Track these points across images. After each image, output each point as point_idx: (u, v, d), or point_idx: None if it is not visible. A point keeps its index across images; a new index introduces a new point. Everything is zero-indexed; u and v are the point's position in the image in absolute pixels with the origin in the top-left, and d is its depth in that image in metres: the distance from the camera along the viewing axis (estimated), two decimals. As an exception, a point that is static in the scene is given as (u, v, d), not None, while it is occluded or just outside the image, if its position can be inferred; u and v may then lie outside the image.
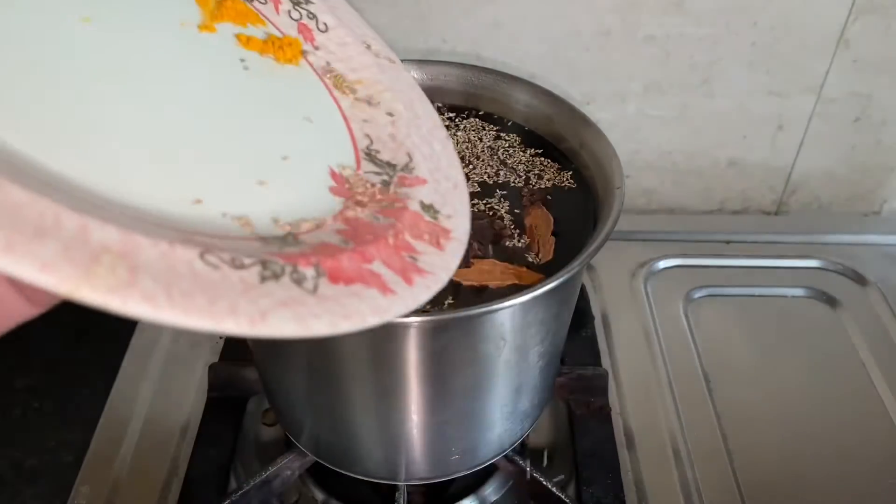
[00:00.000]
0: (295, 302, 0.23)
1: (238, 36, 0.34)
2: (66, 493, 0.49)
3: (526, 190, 0.43)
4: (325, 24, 0.38)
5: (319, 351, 0.38)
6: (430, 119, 0.37)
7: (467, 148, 0.46)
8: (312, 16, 0.38)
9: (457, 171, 0.35)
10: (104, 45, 0.28)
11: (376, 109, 0.36)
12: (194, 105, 0.30)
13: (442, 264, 0.29)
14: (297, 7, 0.38)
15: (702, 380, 0.56)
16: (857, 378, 0.57)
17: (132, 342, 0.59)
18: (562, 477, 0.51)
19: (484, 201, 0.43)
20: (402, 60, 0.50)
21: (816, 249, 0.67)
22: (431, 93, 0.50)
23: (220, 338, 0.59)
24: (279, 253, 0.25)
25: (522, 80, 0.48)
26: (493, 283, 0.38)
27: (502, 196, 0.43)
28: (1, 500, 0.52)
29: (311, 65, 0.36)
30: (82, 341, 0.64)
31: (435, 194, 0.33)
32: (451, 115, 0.49)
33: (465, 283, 0.37)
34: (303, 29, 0.37)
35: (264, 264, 0.23)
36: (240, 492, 0.46)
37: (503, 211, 0.42)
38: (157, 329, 0.60)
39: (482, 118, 0.49)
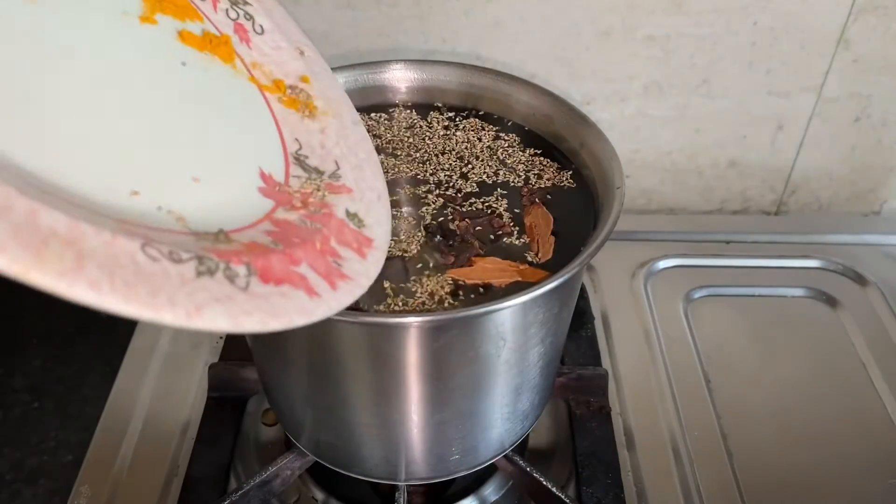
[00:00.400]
0: (228, 298, 0.24)
1: (179, 32, 0.34)
2: (66, 493, 0.49)
3: (525, 189, 0.43)
4: (262, 26, 0.39)
5: (319, 351, 0.38)
6: (357, 130, 0.38)
7: (466, 148, 0.46)
8: (249, 17, 0.39)
9: (380, 183, 0.36)
10: (47, 27, 0.29)
11: (306, 116, 0.37)
12: (132, 95, 0.30)
13: (363, 271, 0.31)
14: (234, 7, 0.38)
15: (702, 380, 0.56)
16: (856, 378, 0.57)
17: (132, 342, 0.59)
18: (562, 477, 0.51)
19: (482, 199, 0.43)
20: (402, 60, 0.50)
21: (816, 249, 0.67)
22: (431, 93, 0.50)
23: (221, 338, 0.59)
24: (213, 249, 0.25)
25: (522, 80, 0.48)
26: (495, 281, 0.38)
27: (501, 195, 0.43)
28: (1, 500, 0.52)
29: (245, 66, 0.36)
30: (82, 341, 0.64)
31: (360, 203, 0.34)
32: (451, 114, 0.49)
33: (467, 281, 0.37)
34: (239, 29, 0.37)
35: (200, 259, 0.24)
36: (240, 492, 0.46)
37: (501, 209, 0.42)
38: (156, 329, 0.60)
39: (482, 118, 0.49)
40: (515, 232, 0.41)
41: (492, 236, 0.40)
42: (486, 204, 0.42)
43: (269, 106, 0.36)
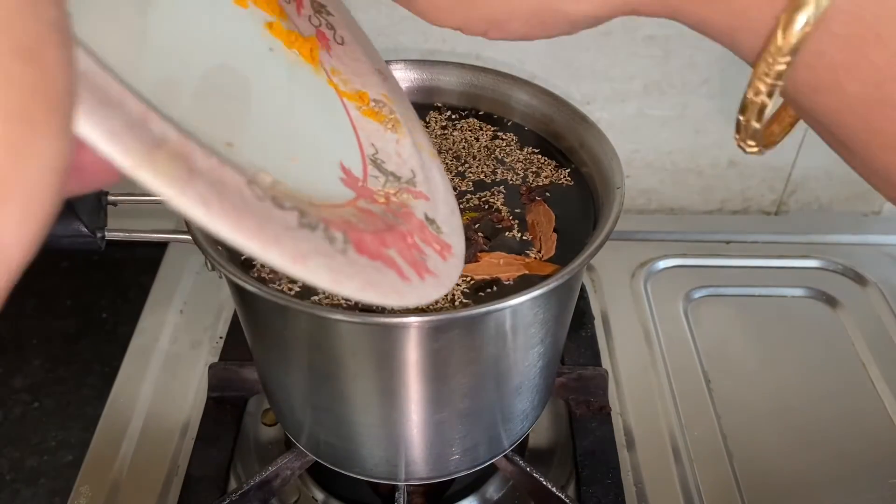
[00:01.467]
0: (329, 255, 0.23)
1: (268, 23, 0.34)
2: (66, 493, 0.49)
3: (524, 187, 0.43)
4: (342, 37, 0.39)
5: (319, 351, 0.38)
6: (428, 148, 0.38)
7: (464, 147, 0.46)
8: (332, 27, 0.39)
9: (452, 199, 0.36)
10: None
11: (382, 126, 0.36)
12: (230, 62, 0.30)
13: (446, 272, 0.30)
14: (317, 14, 0.38)
15: (702, 380, 0.56)
16: (856, 378, 0.57)
17: (132, 342, 0.59)
18: (562, 477, 0.51)
19: (478, 195, 0.43)
20: (402, 60, 0.50)
21: (816, 249, 0.67)
22: (431, 93, 0.50)
23: (221, 337, 0.59)
24: (311, 209, 0.24)
25: (522, 80, 0.48)
26: (503, 276, 0.38)
27: (497, 190, 0.43)
28: (1, 500, 0.52)
29: (325, 70, 0.36)
30: (82, 341, 0.64)
31: (436, 213, 0.34)
32: (449, 114, 0.49)
33: (476, 277, 0.37)
34: (320, 35, 0.37)
35: (301, 213, 0.23)
36: (240, 492, 0.46)
37: (499, 203, 0.42)
38: (156, 329, 0.60)
39: (482, 118, 0.49)
40: (516, 226, 0.41)
41: (492, 230, 0.40)
42: (483, 199, 0.42)
43: (346, 110, 0.36)
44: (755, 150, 0.27)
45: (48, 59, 0.13)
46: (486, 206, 0.42)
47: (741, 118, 0.26)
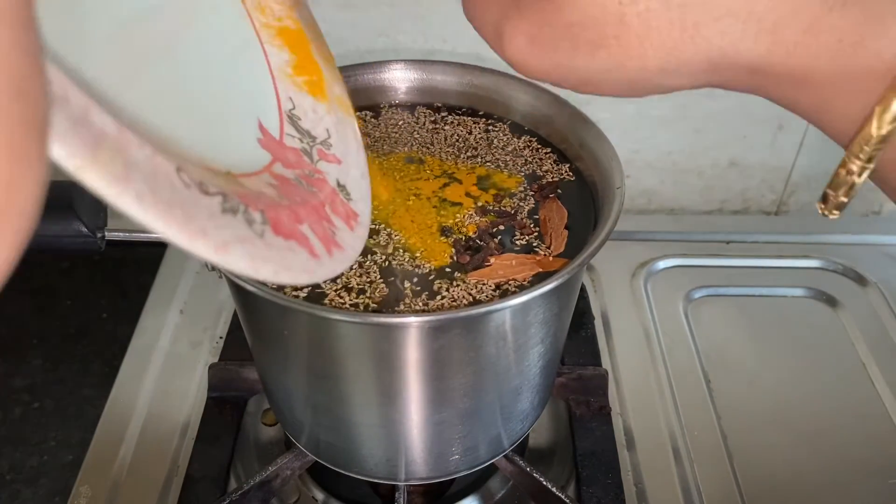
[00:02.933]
0: (248, 241, 0.23)
1: None
2: (66, 493, 0.49)
3: (535, 185, 0.43)
4: None
5: (319, 351, 0.38)
6: (345, 103, 0.37)
7: (461, 146, 0.46)
8: None
9: (363, 161, 0.35)
10: None
11: (299, 77, 0.35)
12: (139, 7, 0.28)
13: (352, 244, 0.30)
14: None
15: (702, 380, 0.56)
16: (856, 378, 0.57)
17: (132, 342, 0.59)
18: (562, 477, 0.51)
19: (494, 201, 0.43)
20: (402, 60, 0.50)
21: (816, 249, 0.67)
22: (431, 93, 0.50)
23: (221, 337, 0.59)
24: (234, 190, 0.24)
25: (522, 80, 0.48)
26: (518, 277, 0.37)
27: (513, 193, 0.43)
28: (1, 500, 0.52)
29: (250, 18, 0.34)
30: (82, 341, 0.64)
31: (347, 177, 0.33)
32: (446, 114, 0.49)
33: (490, 280, 0.37)
34: None
35: (225, 196, 0.23)
36: (240, 492, 0.46)
37: (525, 212, 0.42)
38: (156, 329, 0.60)
39: (481, 118, 0.49)
40: (536, 233, 0.40)
41: (511, 236, 0.40)
42: (503, 204, 0.42)
43: (266, 56, 0.34)
44: (836, 216, 0.28)
45: (35, 91, 0.13)
46: (506, 213, 0.41)
47: (830, 193, 0.28)
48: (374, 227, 0.40)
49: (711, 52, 0.25)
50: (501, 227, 0.40)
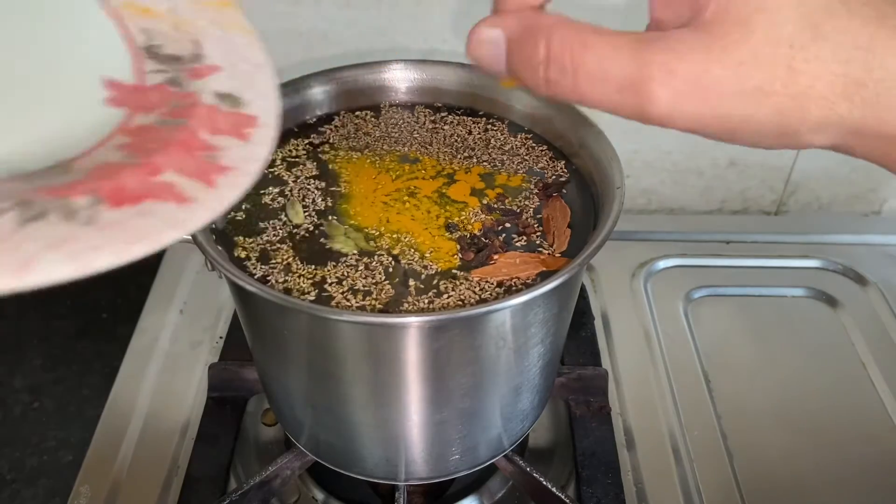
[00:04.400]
0: (66, 240, 0.21)
1: None
2: (66, 493, 0.49)
3: (539, 184, 0.43)
4: None
5: (319, 351, 0.38)
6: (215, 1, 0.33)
7: (461, 143, 0.46)
8: None
9: (257, 52, 0.31)
10: None
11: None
12: None
13: (248, 156, 0.27)
14: None
15: (702, 380, 0.56)
16: (856, 378, 0.57)
17: (132, 342, 0.59)
18: (562, 477, 0.51)
19: (499, 201, 0.43)
20: (402, 60, 0.50)
21: (816, 249, 0.67)
22: (431, 93, 0.50)
23: (221, 337, 0.59)
24: (45, 188, 0.22)
25: (522, 80, 0.48)
26: (522, 275, 0.37)
27: (517, 192, 0.43)
28: (1, 500, 0.52)
29: None
30: (82, 341, 0.64)
31: (233, 80, 0.30)
32: (445, 113, 0.49)
33: (495, 279, 0.37)
34: None
35: (24, 206, 0.21)
36: (240, 492, 0.46)
37: (530, 210, 0.42)
38: (156, 329, 0.60)
39: (481, 118, 0.49)
40: (540, 232, 0.40)
41: (515, 234, 0.40)
42: (507, 203, 0.42)
43: (101, 3, 0.31)
44: None
45: None
46: (512, 211, 0.41)
47: None
48: (375, 229, 0.40)
49: (865, 112, 0.24)
50: (507, 225, 0.40)
